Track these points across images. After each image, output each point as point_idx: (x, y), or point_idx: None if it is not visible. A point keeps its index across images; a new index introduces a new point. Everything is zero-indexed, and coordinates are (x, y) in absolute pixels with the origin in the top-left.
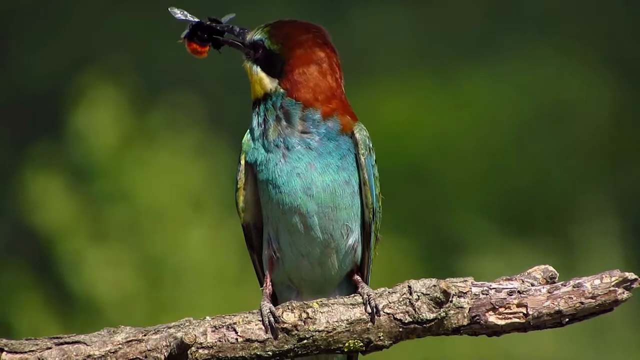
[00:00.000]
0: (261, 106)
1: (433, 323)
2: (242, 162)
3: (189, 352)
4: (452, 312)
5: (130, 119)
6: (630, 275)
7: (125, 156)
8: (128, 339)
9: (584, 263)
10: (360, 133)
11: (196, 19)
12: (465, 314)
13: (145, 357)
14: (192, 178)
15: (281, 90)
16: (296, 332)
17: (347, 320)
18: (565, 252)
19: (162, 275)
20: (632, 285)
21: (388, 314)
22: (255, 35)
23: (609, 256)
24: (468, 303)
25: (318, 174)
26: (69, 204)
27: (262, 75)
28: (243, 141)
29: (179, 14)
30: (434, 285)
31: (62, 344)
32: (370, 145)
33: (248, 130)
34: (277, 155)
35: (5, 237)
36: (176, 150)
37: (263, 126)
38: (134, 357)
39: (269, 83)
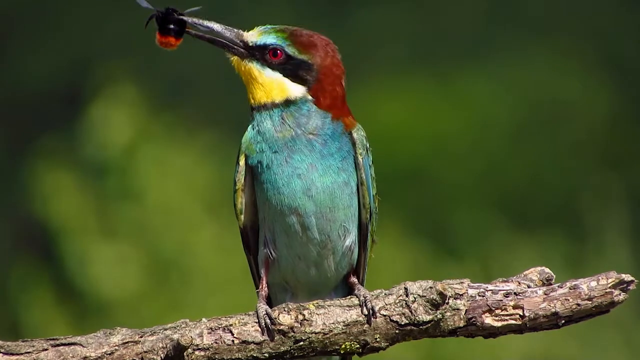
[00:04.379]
0: (277, 110)
1: (429, 325)
2: (242, 163)
3: (185, 353)
4: (448, 313)
5: (143, 118)
6: (627, 277)
7: (138, 155)
8: (124, 341)
9: (581, 261)
10: (358, 133)
11: (161, 9)
12: (461, 316)
13: (142, 358)
14: (203, 179)
15: (309, 97)
16: (292, 333)
17: (343, 322)
18: (564, 251)
19: (170, 275)
20: (629, 287)
21: (384, 315)
22: (267, 39)
23: (608, 255)
24: (464, 305)
25: (319, 175)
26: (79, 200)
27: (285, 81)
28: (244, 143)
29: (145, 3)
30: (431, 287)
31: (58, 345)
32: (368, 145)
33: (250, 133)
34: (282, 157)
35: (14, 233)
36: (188, 150)
37: (278, 129)
38: (131, 358)
39: (294, 90)
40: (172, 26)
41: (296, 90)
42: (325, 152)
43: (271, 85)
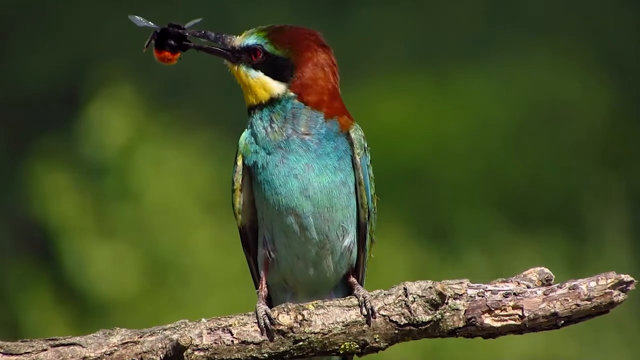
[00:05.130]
0: (265, 110)
1: (429, 325)
2: (239, 163)
3: (184, 354)
4: (447, 314)
5: (141, 118)
6: (626, 277)
7: (136, 155)
8: (124, 341)
9: (580, 261)
10: (356, 133)
11: (158, 26)
12: (461, 316)
13: (141, 359)
14: (201, 178)
15: (291, 94)
16: (292, 334)
17: (342, 322)
18: (563, 251)
19: (169, 275)
20: (628, 288)
21: (384, 316)
22: (248, 40)
23: (608, 255)
24: (464, 305)
25: (315, 175)
26: (77, 200)
27: (266, 79)
28: (241, 144)
29: (143, 22)
30: (430, 287)
31: (57, 345)
32: (366, 145)
33: (246, 133)
34: (277, 157)
35: (13, 233)
36: (186, 150)
37: (269, 130)
38: (130, 359)
39: (276, 87)
40: (170, 41)
41: (277, 88)
42: (320, 152)
43: (256, 85)
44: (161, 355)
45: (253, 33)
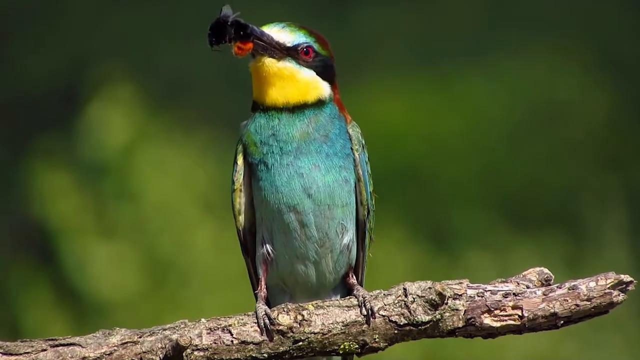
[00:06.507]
0: (309, 110)
1: (428, 325)
2: (240, 162)
3: (184, 354)
4: (447, 314)
5: (141, 118)
6: (626, 278)
7: (136, 155)
8: (123, 341)
9: (579, 262)
10: (354, 129)
11: (227, 17)
12: (460, 316)
13: (141, 359)
14: (201, 178)
15: (332, 95)
16: (291, 334)
17: (342, 322)
18: (562, 251)
19: (169, 275)
20: (628, 288)
21: (383, 316)
22: (298, 38)
23: (607, 255)
24: (463, 305)
25: (322, 175)
26: (77, 200)
27: (319, 80)
28: (247, 143)
29: (230, 15)
30: (429, 288)
31: (57, 345)
32: (363, 142)
33: (259, 133)
34: (290, 157)
35: (13, 233)
36: (186, 150)
37: (304, 130)
38: (130, 359)
39: (326, 89)
40: (242, 32)
41: (326, 89)
42: (330, 152)
43: (308, 85)
44: (161, 355)
45: (296, 30)
